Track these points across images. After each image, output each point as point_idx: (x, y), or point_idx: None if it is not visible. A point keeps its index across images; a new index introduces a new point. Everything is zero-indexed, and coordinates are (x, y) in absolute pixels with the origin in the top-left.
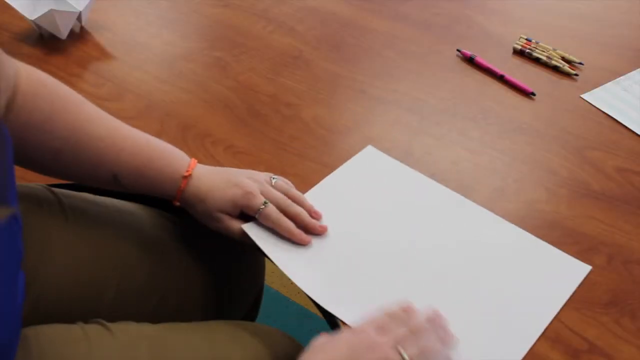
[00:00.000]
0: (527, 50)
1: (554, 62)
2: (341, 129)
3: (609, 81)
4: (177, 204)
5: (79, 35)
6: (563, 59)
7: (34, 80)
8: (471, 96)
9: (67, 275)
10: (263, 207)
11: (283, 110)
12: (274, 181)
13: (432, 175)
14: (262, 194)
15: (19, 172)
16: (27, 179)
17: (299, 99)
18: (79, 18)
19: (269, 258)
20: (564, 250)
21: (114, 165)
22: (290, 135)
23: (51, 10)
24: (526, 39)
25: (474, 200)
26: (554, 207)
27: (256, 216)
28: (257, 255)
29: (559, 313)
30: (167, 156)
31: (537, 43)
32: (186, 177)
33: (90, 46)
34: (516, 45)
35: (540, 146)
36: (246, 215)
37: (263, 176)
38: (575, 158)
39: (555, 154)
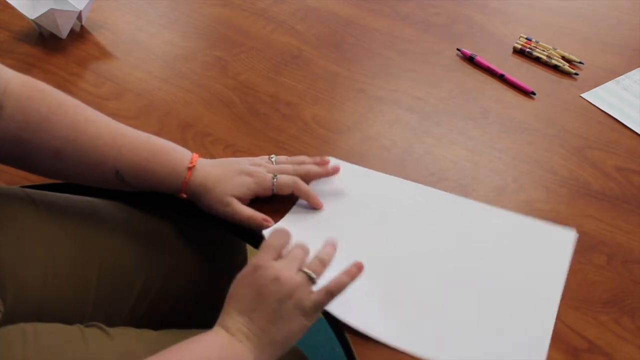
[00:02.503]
0: (527, 50)
1: (554, 62)
2: (341, 129)
3: (609, 80)
4: (184, 195)
5: (79, 34)
6: (563, 58)
7: (29, 85)
8: (471, 96)
9: (46, 273)
10: (275, 180)
11: (283, 109)
12: (273, 159)
13: (432, 175)
14: (268, 171)
15: None
16: (3, 180)
17: (299, 98)
18: (79, 17)
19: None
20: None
21: (116, 162)
22: (290, 134)
23: (51, 10)
24: (526, 38)
25: (475, 200)
26: (553, 206)
27: (274, 190)
28: (240, 243)
29: (559, 312)
30: (168, 150)
31: (537, 42)
32: (190, 169)
33: (90, 45)
34: (516, 45)
35: (540, 145)
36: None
37: (262, 159)
38: (575, 157)
39: (555, 153)
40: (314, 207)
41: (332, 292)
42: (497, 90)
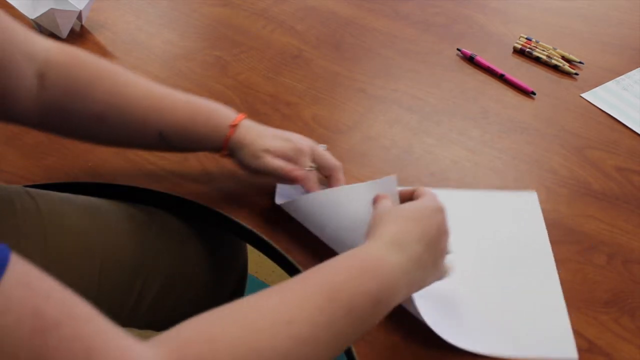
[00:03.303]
0: (527, 50)
1: (554, 62)
2: (341, 128)
3: (609, 80)
4: (225, 153)
5: (79, 34)
6: (563, 58)
7: (68, 53)
8: (471, 95)
9: (49, 272)
10: (309, 169)
11: (283, 109)
12: (321, 147)
13: (432, 175)
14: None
15: None
16: (3, 179)
17: (299, 98)
18: (79, 17)
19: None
20: (565, 251)
21: (159, 124)
22: None
23: (51, 9)
24: (526, 38)
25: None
26: (553, 206)
27: (302, 175)
28: (241, 243)
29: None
30: (211, 110)
31: (537, 42)
32: (233, 127)
33: (90, 45)
34: (516, 45)
35: (540, 145)
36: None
37: (313, 142)
38: (575, 157)
39: (555, 153)
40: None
41: None
42: (497, 90)
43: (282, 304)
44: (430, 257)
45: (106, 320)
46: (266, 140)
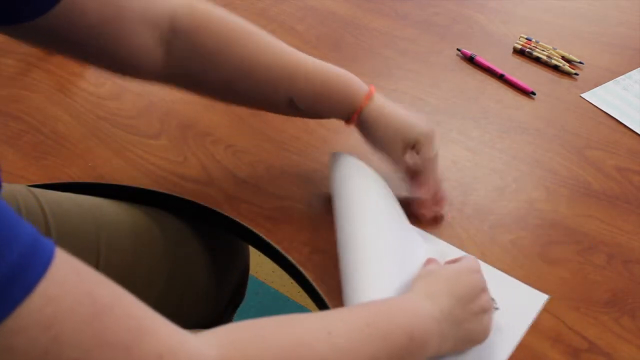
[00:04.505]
0: (527, 50)
1: (554, 62)
2: (341, 128)
3: (609, 80)
4: (352, 124)
5: None
6: (563, 58)
7: (198, 15)
8: (471, 96)
9: None
10: (434, 156)
11: None
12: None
13: None
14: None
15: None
16: (3, 179)
17: None
18: None
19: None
20: (565, 251)
21: (289, 92)
22: (291, 134)
23: None
24: (526, 38)
25: (475, 200)
26: (553, 206)
27: (424, 160)
28: (242, 243)
29: (558, 312)
30: (343, 78)
31: (537, 42)
32: (368, 97)
33: None
34: (516, 45)
35: (540, 145)
36: None
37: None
38: (575, 157)
39: (555, 153)
40: (422, 213)
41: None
42: (497, 90)
43: (322, 318)
44: (463, 313)
45: (150, 308)
46: (402, 122)
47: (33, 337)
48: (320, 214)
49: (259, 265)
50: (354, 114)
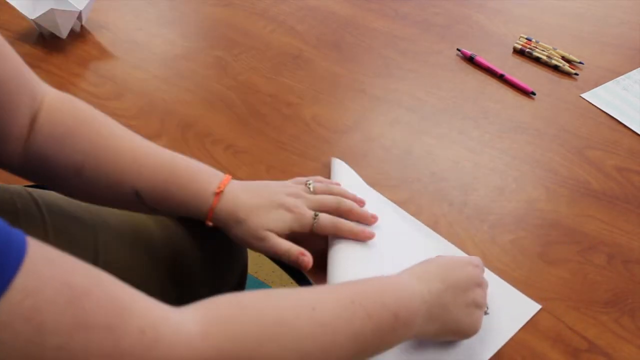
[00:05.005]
0: (527, 50)
1: (554, 62)
2: (341, 128)
3: (609, 80)
4: (210, 223)
5: (79, 34)
6: (563, 58)
7: (60, 97)
8: (471, 96)
9: None
10: (315, 220)
11: (283, 109)
12: (311, 187)
13: (432, 175)
14: (308, 207)
15: None
16: (3, 179)
17: (299, 98)
18: (79, 17)
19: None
20: (565, 251)
21: (135, 183)
22: (291, 134)
23: (51, 10)
24: (526, 39)
25: (475, 200)
26: (554, 206)
27: (312, 230)
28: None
29: (558, 312)
30: (193, 172)
31: (537, 42)
32: (218, 194)
33: (90, 45)
34: (516, 45)
35: (540, 145)
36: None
37: (300, 187)
38: (575, 157)
39: (555, 153)
40: (363, 240)
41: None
42: (497, 90)
43: (308, 293)
44: (453, 301)
45: (129, 286)
46: (262, 216)
47: (16, 330)
48: None
49: (259, 265)
50: (208, 215)
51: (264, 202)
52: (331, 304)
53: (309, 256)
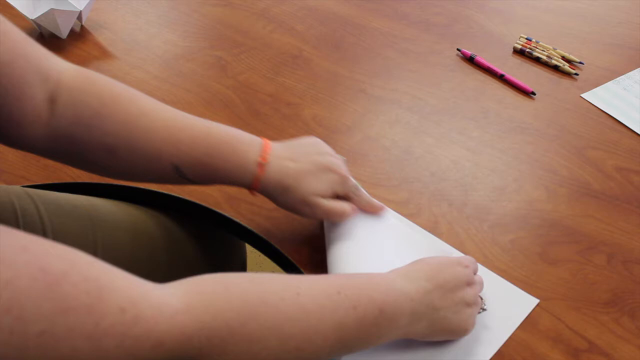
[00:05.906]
0: (528, 50)
1: (554, 62)
2: (341, 128)
3: (609, 80)
4: (255, 193)
5: (80, 34)
6: (563, 58)
7: (82, 77)
8: (471, 96)
9: None
10: (356, 189)
11: (283, 109)
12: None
13: (432, 175)
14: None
15: None
16: (3, 179)
17: (299, 98)
18: (79, 17)
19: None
20: (565, 251)
21: (173, 158)
22: (291, 134)
23: (51, 10)
24: (526, 39)
25: (475, 200)
26: (553, 206)
27: (350, 194)
28: (240, 243)
29: (558, 312)
30: (232, 143)
31: (537, 42)
32: (262, 164)
33: (90, 45)
34: (516, 45)
35: (540, 145)
36: None
37: (330, 149)
38: (575, 157)
39: (555, 153)
40: (377, 212)
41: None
42: (497, 90)
43: (295, 279)
44: (441, 300)
45: (108, 264)
46: (311, 181)
47: None
48: None
49: (259, 265)
50: (253, 185)
51: (310, 167)
52: (316, 292)
53: (354, 209)
